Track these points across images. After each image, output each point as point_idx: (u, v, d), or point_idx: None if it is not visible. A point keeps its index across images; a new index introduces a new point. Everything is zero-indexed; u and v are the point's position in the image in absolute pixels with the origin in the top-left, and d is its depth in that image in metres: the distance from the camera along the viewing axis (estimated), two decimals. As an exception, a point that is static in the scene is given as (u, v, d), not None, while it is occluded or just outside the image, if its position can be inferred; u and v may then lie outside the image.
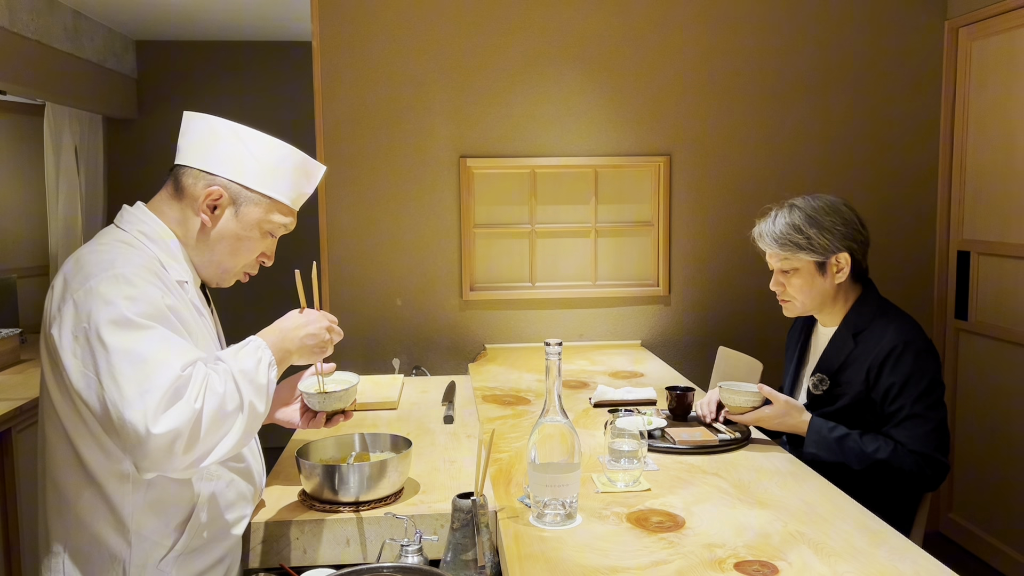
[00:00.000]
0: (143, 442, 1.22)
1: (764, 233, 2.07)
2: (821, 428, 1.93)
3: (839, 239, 2.00)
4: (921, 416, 1.90)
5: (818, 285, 2.03)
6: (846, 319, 2.06)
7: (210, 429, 1.28)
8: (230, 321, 2.18)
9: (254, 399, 1.34)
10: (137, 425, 1.22)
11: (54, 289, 1.35)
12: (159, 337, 1.29)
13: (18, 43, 3.42)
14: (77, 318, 1.28)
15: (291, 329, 1.48)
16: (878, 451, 1.88)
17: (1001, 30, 3.14)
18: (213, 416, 1.28)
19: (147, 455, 1.23)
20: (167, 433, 1.22)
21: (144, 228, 1.43)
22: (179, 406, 1.25)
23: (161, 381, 1.25)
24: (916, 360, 1.93)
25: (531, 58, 3.27)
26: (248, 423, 1.33)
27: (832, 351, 2.06)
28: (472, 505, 1.41)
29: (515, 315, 3.36)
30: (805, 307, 2.09)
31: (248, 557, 1.54)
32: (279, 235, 1.54)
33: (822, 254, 2.00)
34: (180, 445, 1.24)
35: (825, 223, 2.00)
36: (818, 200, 2.05)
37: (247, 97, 4.86)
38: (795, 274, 2.05)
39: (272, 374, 1.40)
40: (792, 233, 2.01)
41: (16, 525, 2.66)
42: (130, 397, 1.23)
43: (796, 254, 2.01)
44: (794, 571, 1.30)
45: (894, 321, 2.00)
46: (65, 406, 1.33)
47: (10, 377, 3.06)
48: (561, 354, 1.45)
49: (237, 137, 1.46)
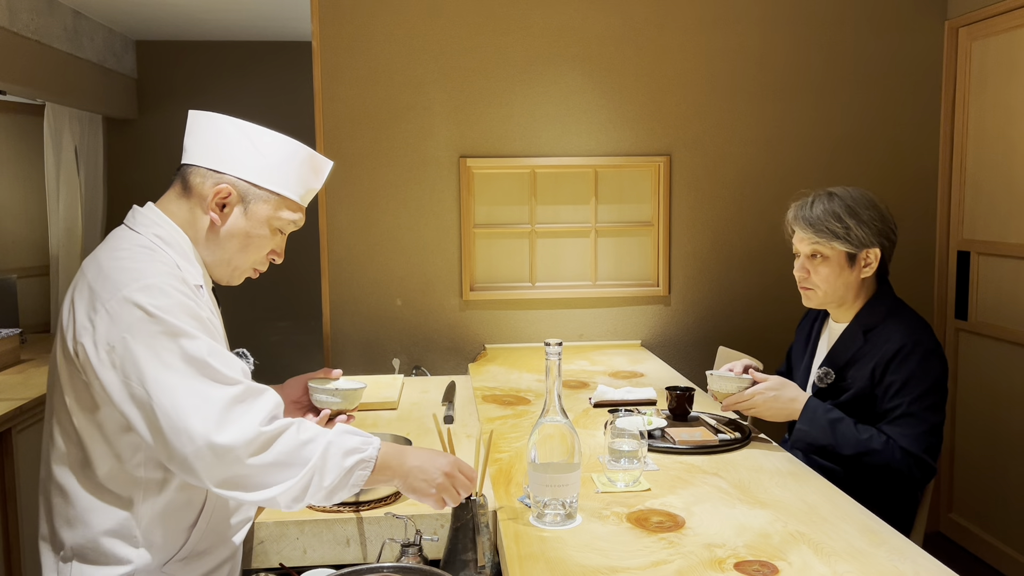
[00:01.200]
0: (200, 452, 1.22)
1: (800, 217, 2.03)
2: (817, 408, 1.93)
3: (875, 234, 1.98)
4: (917, 416, 1.90)
5: (844, 277, 2.00)
6: (858, 316, 2.04)
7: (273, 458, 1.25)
8: (228, 321, 2.18)
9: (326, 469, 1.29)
10: (195, 434, 1.22)
11: (78, 298, 1.32)
12: (208, 348, 1.28)
13: (18, 43, 3.42)
14: (114, 328, 1.26)
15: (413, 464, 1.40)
16: (871, 440, 1.89)
17: (1001, 30, 3.14)
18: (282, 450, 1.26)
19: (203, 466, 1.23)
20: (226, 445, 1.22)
21: (159, 231, 1.41)
22: (241, 420, 1.24)
23: (220, 392, 1.25)
24: (921, 361, 1.92)
25: (531, 58, 3.27)
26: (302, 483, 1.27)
27: (841, 346, 2.05)
28: (472, 505, 1.41)
29: (515, 315, 3.36)
30: (827, 298, 2.05)
31: (248, 557, 1.54)
32: (288, 232, 1.53)
33: (856, 246, 1.98)
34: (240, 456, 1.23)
35: (864, 216, 1.98)
36: (856, 192, 2.03)
37: (247, 97, 4.86)
38: (824, 262, 2.01)
39: (361, 471, 1.33)
40: (830, 220, 1.97)
41: (16, 525, 2.66)
42: (185, 407, 1.23)
43: (831, 242, 1.98)
44: (794, 571, 1.30)
45: (906, 321, 1.99)
46: (82, 414, 1.32)
47: (10, 377, 3.06)
48: (561, 354, 1.45)
49: (244, 135, 1.45)
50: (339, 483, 1.31)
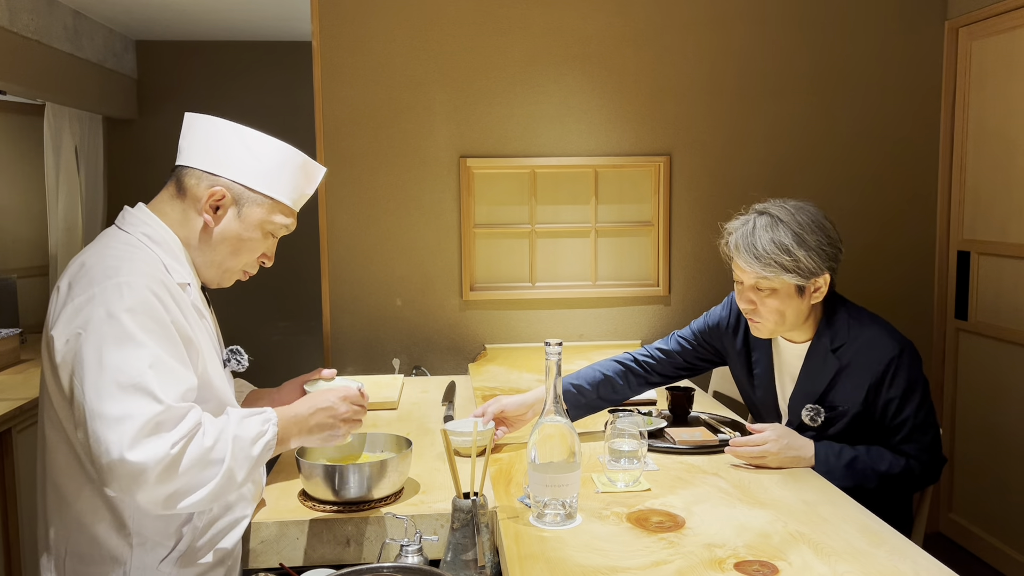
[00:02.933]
0: (112, 465, 1.22)
1: (743, 247, 1.86)
2: (828, 456, 1.81)
3: (824, 260, 1.84)
4: (924, 423, 1.86)
5: (794, 307, 1.87)
6: (819, 334, 1.92)
7: (184, 475, 1.26)
8: (229, 321, 2.18)
9: (236, 466, 1.33)
10: (111, 447, 1.22)
11: (59, 291, 1.34)
12: (152, 359, 1.28)
13: (18, 43, 3.42)
14: (74, 322, 1.28)
15: (303, 417, 1.47)
16: (891, 468, 1.82)
17: (1001, 30, 3.13)
18: (191, 465, 1.27)
19: (113, 478, 1.23)
20: (137, 464, 1.22)
21: (147, 230, 1.42)
22: (156, 442, 1.24)
23: (144, 410, 1.24)
24: (911, 368, 1.85)
25: (531, 58, 3.27)
26: (220, 485, 1.31)
27: (814, 374, 1.92)
28: (472, 505, 1.41)
29: (515, 315, 3.36)
30: (776, 329, 1.92)
31: (248, 557, 1.54)
32: (280, 235, 1.55)
33: (805, 276, 1.83)
34: (148, 478, 1.23)
35: (811, 243, 1.82)
36: (800, 213, 1.86)
37: (247, 97, 4.86)
38: (772, 295, 1.86)
39: (267, 454, 1.39)
40: (779, 253, 1.81)
41: (16, 525, 2.66)
42: (110, 417, 1.23)
43: (780, 276, 1.82)
44: (794, 571, 1.30)
45: (877, 330, 1.89)
46: (65, 408, 1.33)
47: (10, 377, 3.06)
48: (561, 354, 1.45)
49: (240, 138, 1.46)
50: (250, 471, 1.36)
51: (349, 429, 1.53)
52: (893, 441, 1.87)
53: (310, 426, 1.47)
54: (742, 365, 2.10)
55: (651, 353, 2.14)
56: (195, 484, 1.28)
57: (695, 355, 2.14)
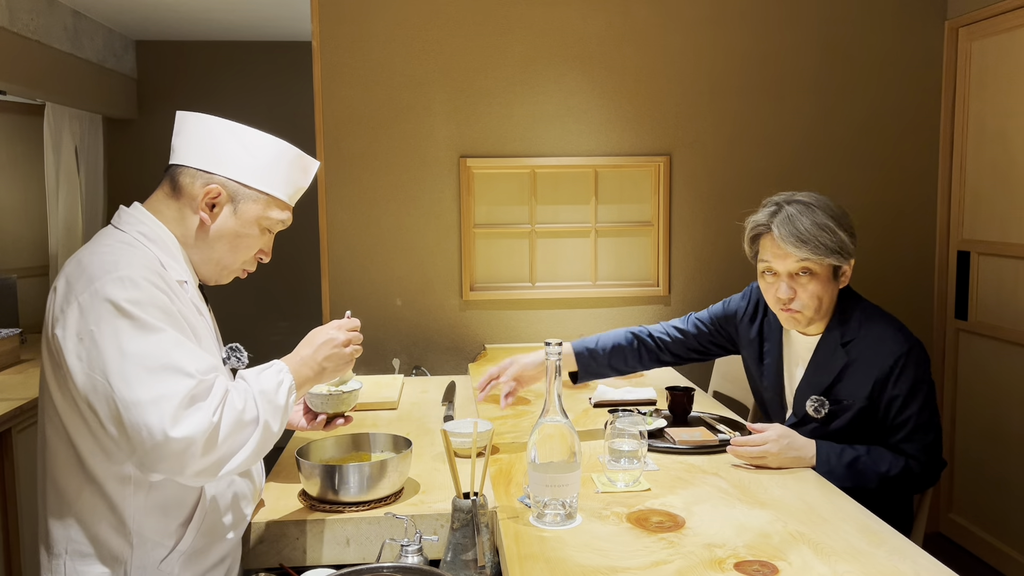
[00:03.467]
0: (158, 446, 1.23)
1: (785, 234, 1.83)
2: (830, 456, 1.81)
3: (854, 242, 1.88)
4: (927, 424, 1.85)
5: (830, 292, 1.87)
6: (830, 328, 1.92)
7: (225, 442, 1.29)
8: (228, 321, 2.18)
9: (270, 418, 1.36)
10: (154, 429, 1.23)
11: (57, 291, 1.34)
12: (172, 340, 1.30)
13: (18, 43, 3.42)
14: (83, 320, 1.28)
15: (310, 356, 1.49)
16: (891, 469, 1.82)
17: (1001, 30, 3.14)
18: (229, 430, 1.30)
19: (161, 459, 1.24)
20: (183, 439, 1.23)
21: (143, 228, 1.43)
22: (197, 414, 1.26)
23: (178, 387, 1.26)
24: (918, 368, 1.85)
25: (531, 58, 3.27)
26: (261, 441, 1.35)
27: (823, 366, 1.92)
28: (472, 505, 1.41)
29: (515, 315, 3.36)
30: (813, 318, 1.89)
31: (248, 557, 1.54)
32: (276, 231, 1.55)
33: (845, 258, 1.85)
34: (195, 451, 1.25)
35: (846, 224, 1.86)
36: (822, 197, 1.89)
37: (247, 97, 4.86)
38: (812, 279, 1.85)
39: (291, 398, 1.41)
40: (823, 234, 1.81)
41: (16, 525, 2.66)
42: (145, 401, 1.24)
43: (825, 258, 1.82)
44: (794, 571, 1.30)
45: (889, 327, 1.90)
46: (66, 407, 1.33)
47: (10, 377, 3.06)
48: (561, 354, 1.45)
49: (233, 135, 1.47)
50: (282, 420, 1.39)
51: (354, 353, 1.55)
52: (894, 439, 1.86)
53: (319, 361, 1.49)
54: (753, 354, 2.11)
55: (667, 331, 2.18)
56: (236, 446, 1.31)
57: (709, 339, 2.18)
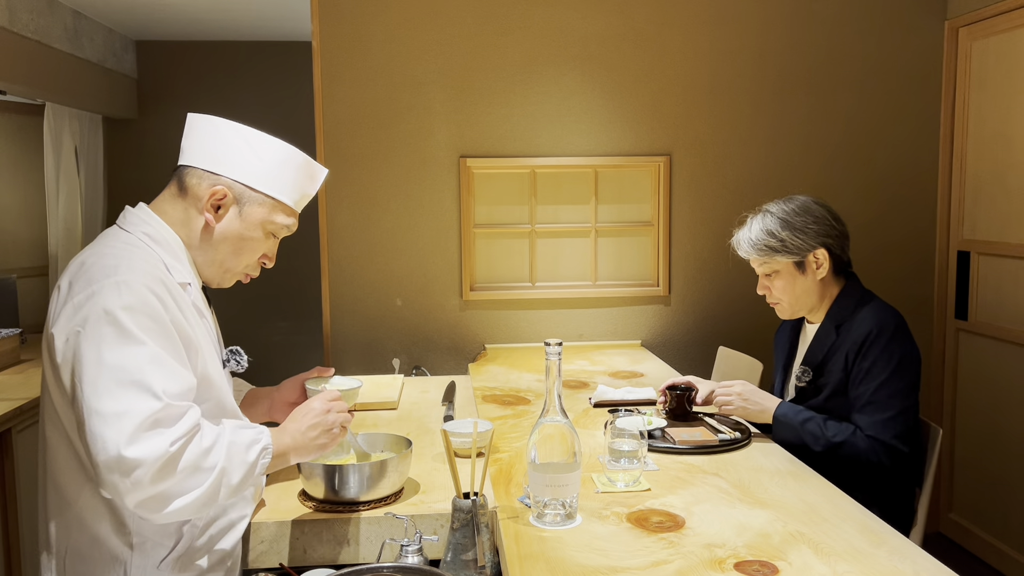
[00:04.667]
0: (109, 462, 1.22)
1: (741, 241, 2.15)
2: (788, 411, 2.01)
3: (813, 237, 2.06)
4: (882, 403, 1.94)
5: (800, 284, 2.09)
6: (829, 312, 2.11)
7: (179, 476, 1.25)
8: (229, 322, 2.18)
9: (231, 468, 1.31)
10: (108, 443, 1.21)
11: (59, 290, 1.35)
12: (151, 357, 1.28)
13: (18, 43, 3.42)
14: (72, 321, 1.29)
15: (293, 429, 1.45)
16: (836, 435, 1.94)
17: (1001, 30, 3.13)
18: (187, 467, 1.26)
19: (109, 475, 1.22)
20: (134, 460, 1.21)
21: (148, 229, 1.43)
22: (155, 439, 1.23)
23: (142, 407, 1.24)
24: (886, 345, 1.97)
25: (531, 58, 3.27)
26: (213, 488, 1.29)
27: (817, 344, 2.11)
28: (472, 505, 1.41)
29: (515, 315, 3.36)
30: (793, 308, 2.14)
31: (248, 557, 1.54)
32: (281, 236, 1.55)
33: (798, 254, 2.06)
34: (143, 476, 1.22)
35: (797, 224, 2.06)
36: (790, 203, 2.11)
37: (247, 97, 4.86)
38: (776, 276, 2.11)
39: (263, 459, 1.37)
40: (766, 238, 2.07)
41: (16, 525, 2.66)
42: (107, 413, 1.23)
43: (774, 257, 2.08)
44: (794, 571, 1.30)
45: (872, 309, 2.04)
46: (66, 407, 1.33)
47: (10, 377, 3.06)
48: (561, 354, 1.45)
49: (242, 138, 1.47)
50: (245, 476, 1.34)
51: (341, 424, 1.52)
52: (851, 412, 1.99)
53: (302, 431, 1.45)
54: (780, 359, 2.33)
55: None
56: (189, 486, 1.27)
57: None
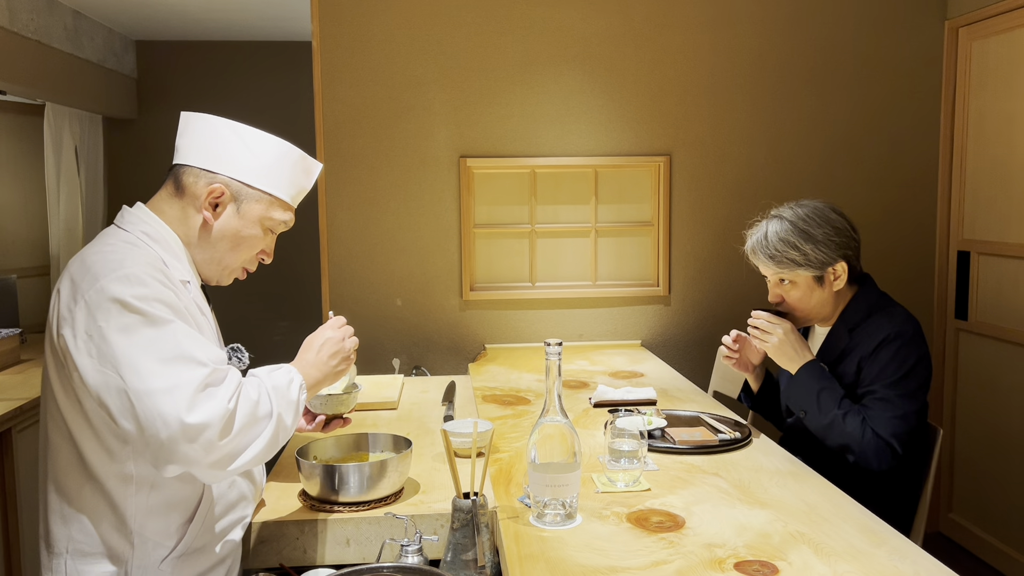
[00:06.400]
0: (174, 435, 1.23)
1: (758, 251, 2.06)
2: (814, 369, 2.00)
3: (835, 249, 2.00)
4: (889, 401, 1.94)
5: (817, 296, 2.04)
6: (842, 316, 2.08)
7: (240, 431, 1.30)
8: (229, 321, 2.18)
9: (283, 411, 1.37)
10: (168, 417, 1.23)
11: (61, 291, 1.34)
12: (182, 332, 1.30)
13: (18, 43, 3.42)
14: (91, 318, 1.28)
15: (314, 358, 1.51)
16: (847, 415, 1.93)
17: (1001, 30, 3.13)
18: (245, 420, 1.30)
19: (177, 448, 1.24)
20: (199, 424, 1.24)
21: (146, 228, 1.43)
22: (212, 400, 1.27)
23: (191, 375, 1.26)
24: (900, 349, 1.96)
25: (531, 58, 3.27)
26: (274, 433, 1.35)
27: (828, 346, 2.09)
28: (472, 505, 1.41)
29: (515, 315, 3.36)
30: (808, 318, 2.10)
31: (248, 557, 1.54)
32: (279, 232, 1.56)
33: (819, 267, 2.00)
34: (212, 436, 1.25)
35: (819, 236, 1.99)
36: (805, 209, 2.04)
37: (247, 97, 4.86)
38: (793, 287, 2.05)
39: (303, 396, 1.43)
40: (788, 251, 1.99)
41: (16, 525, 2.66)
42: (158, 390, 1.24)
43: (794, 271, 2.01)
44: (794, 571, 1.30)
45: (889, 315, 2.02)
46: (70, 407, 1.33)
47: (10, 377, 3.06)
48: (561, 354, 1.45)
49: (237, 135, 1.47)
50: (295, 416, 1.40)
51: (353, 347, 1.57)
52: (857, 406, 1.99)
53: (324, 360, 1.51)
54: None
55: None
56: (250, 438, 1.32)
57: None
